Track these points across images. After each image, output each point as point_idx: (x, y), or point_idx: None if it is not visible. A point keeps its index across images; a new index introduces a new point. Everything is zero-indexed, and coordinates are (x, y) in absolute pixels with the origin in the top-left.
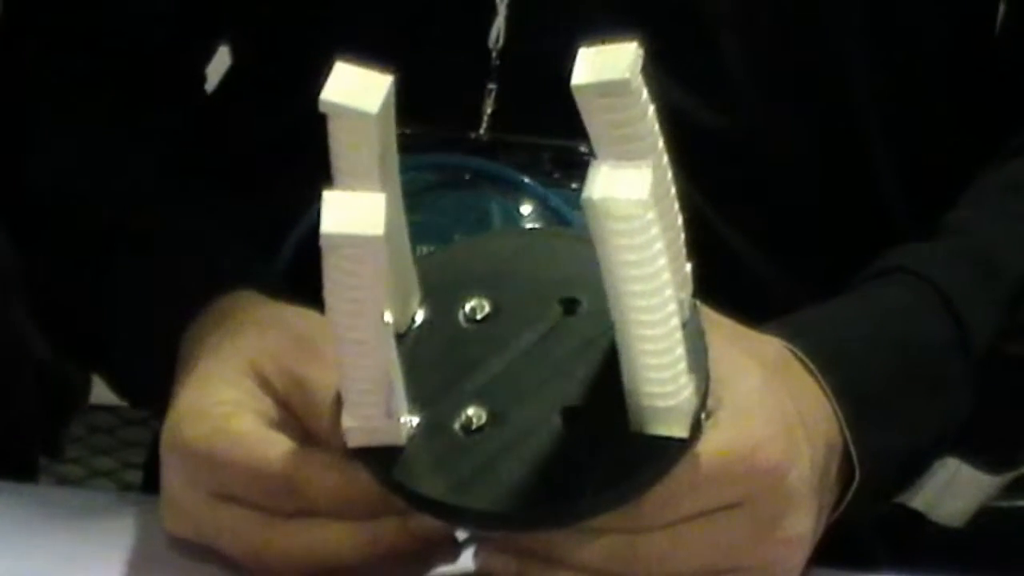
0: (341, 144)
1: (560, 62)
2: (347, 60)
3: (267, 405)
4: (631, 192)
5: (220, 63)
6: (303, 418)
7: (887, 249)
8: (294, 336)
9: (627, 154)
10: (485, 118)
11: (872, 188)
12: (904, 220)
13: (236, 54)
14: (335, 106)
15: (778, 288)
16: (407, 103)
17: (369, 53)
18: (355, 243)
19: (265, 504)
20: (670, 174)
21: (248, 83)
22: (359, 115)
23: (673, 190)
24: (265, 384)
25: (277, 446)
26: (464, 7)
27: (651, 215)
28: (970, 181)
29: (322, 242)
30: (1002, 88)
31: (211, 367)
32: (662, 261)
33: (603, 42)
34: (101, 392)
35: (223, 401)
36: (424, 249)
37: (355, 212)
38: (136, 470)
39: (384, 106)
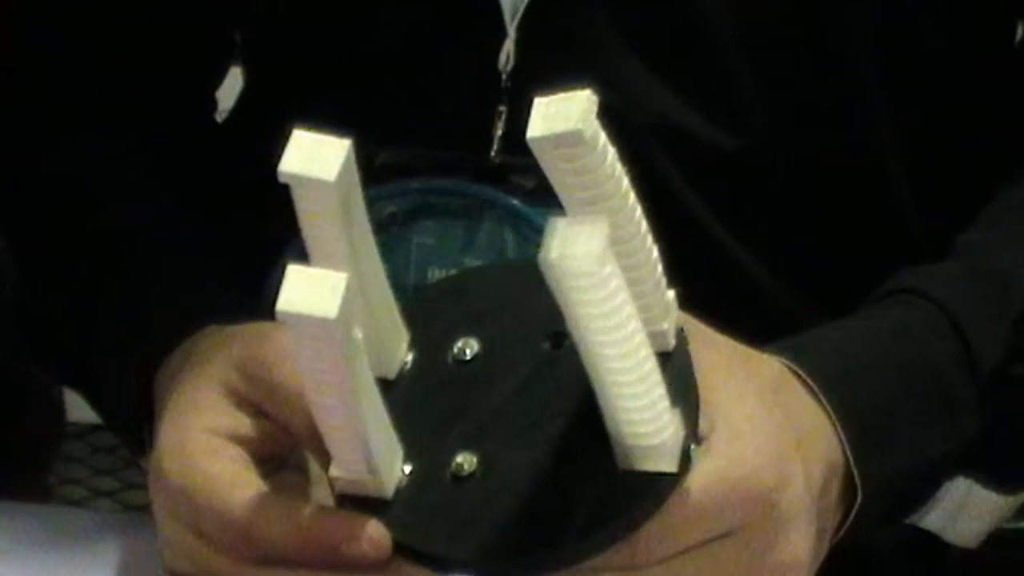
0: (304, 212)
1: (570, 83)
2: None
3: (243, 424)
4: (587, 248)
5: (231, 87)
6: (282, 422)
7: (899, 270)
8: (256, 344)
9: (590, 200)
10: (495, 140)
11: (885, 207)
12: (918, 238)
13: (248, 77)
14: (294, 176)
15: (787, 306)
16: (417, 125)
17: (378, 75)
18: (309, 323)
19: (230, 548)
20: (639, 212)
21: (260, 106)
22: (318, 183)
23: (644, 226)
24: (239, 400)
25: (242, 492)
26: (473, 29)
27: (609, 268)
28: (984, 200)
29: (278, 317)
30: (1017, 107)
31: (186, 397)
32: (627, 310)
33: (565, 89)
34: None
35: (201, 430)
36: (435, 272)
37: (313, 291)
38: (139, 490)
39: (343, 171)
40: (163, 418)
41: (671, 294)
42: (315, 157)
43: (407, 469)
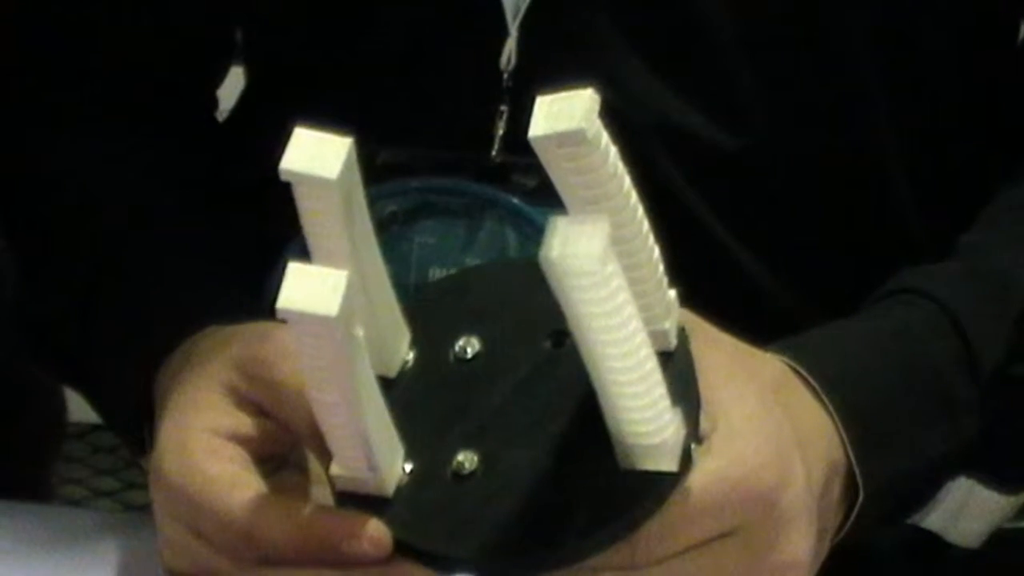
0: (306, 210)
1: (571, 83)
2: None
3: (244, 423)
4: (588, 248)
5: (231, 87)
6: (282, 420)
7: (899, 270)
8: (257, 343)
9: (592, 199)
10: (496, 140)
11: (885, 207)
12: (918, 238)
13: (249, 76)
14: (295, 174)
15: (787, 306)
16: (418, 125)
17: (378, 75)
18: (310, 321)
19: (230, 549)
20: (640, 211)
21: (261, 106)
22: (320, 182)
23: (646, 225)
24: (240, 399)
25: (242, 492)
26: (474, 28)
27: (610, 268)
28: (984, 200)
29: (278, 315)
30: (1017, 107)
31: (186, 397)
32: (628, 309)
33: (565, 88)
34: None
35: (201, 430)
36: (436, 271)
37: (314, 289)
38: (139, 490)
39: (345, 170)
40: (163, 418)
41: (672, 293)
42: (317, 155)
43: (408, 467)
